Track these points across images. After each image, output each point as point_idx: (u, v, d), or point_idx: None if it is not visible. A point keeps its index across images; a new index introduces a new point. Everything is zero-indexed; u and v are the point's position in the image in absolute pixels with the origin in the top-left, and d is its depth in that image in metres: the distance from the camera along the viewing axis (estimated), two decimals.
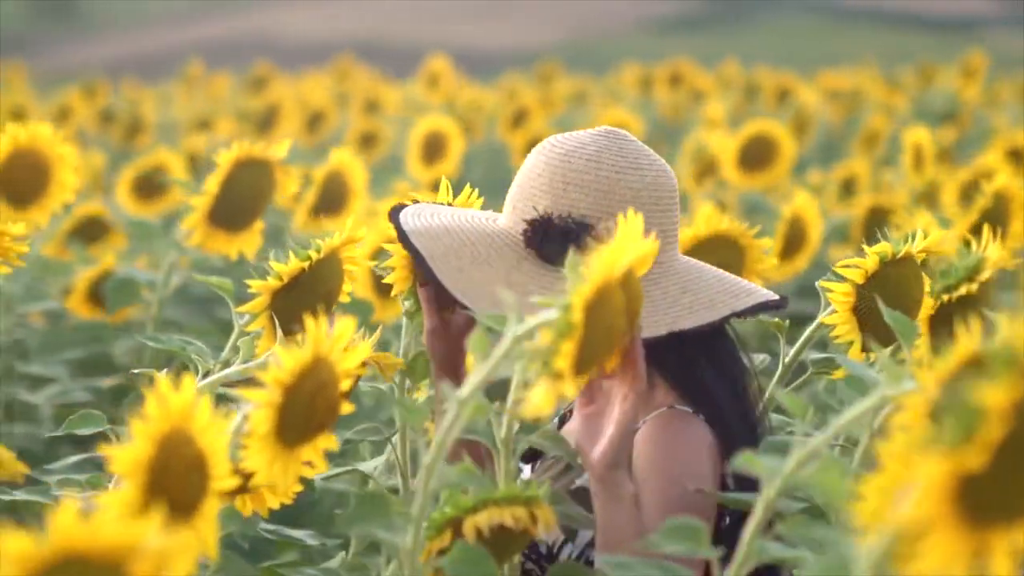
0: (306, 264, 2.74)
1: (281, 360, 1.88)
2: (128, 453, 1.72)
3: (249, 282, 2.73)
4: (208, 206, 3.46)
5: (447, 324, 2.56)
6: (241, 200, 3.59)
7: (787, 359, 2.75)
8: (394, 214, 2.55)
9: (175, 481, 1.74)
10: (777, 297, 2.46)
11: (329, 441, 1.95)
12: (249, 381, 2.36)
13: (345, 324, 1.91)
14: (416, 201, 2.63)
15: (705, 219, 3.25)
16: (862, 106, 9.68)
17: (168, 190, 5.42)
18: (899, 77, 11.15)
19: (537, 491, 2.06)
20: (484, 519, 2.02)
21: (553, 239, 2.41)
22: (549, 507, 2.07)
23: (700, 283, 2.47)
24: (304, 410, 1.91)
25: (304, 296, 2.72)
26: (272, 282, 2.71)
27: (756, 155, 5.71)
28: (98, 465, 2.68)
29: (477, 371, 1.94)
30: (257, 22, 43.88)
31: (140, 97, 10.07)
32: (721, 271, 2.53)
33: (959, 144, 8.05)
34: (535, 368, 1.88)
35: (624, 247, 1.92)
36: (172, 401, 1.75)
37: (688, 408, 2.41)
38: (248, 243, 3.65)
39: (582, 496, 2.38)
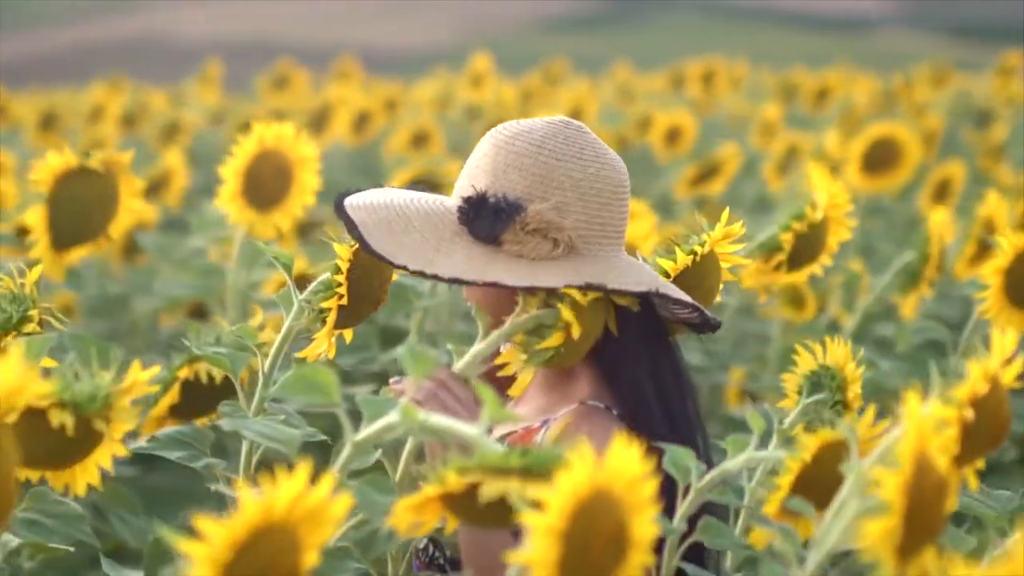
0: (691, 259, 2.66)
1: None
2: (894, 478, 1.62)
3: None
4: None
5: None
6: None
7: None
8: (343, 195, 2.56)
9: (928, 506, 1.64)
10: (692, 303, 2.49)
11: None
12: None
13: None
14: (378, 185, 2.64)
15: None
16: (892, 107, 9.72)
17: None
18: (912, 78, 11.23)
19: None
20: None
21: (484, 216, 2.44)
22: None
23: (638, 270, 2.49)
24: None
25: (689, 292, 2.64)
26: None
27: (880, 158, 5.66)
28: None
29: None
30: (147, 22, 43.25)
31: (148, 98, 9.82)
32: (650, 271, 2.55)
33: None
34: None
35: None
36: (921, 421, 1.65)
37: (600, 404, 2.47)
38: None
39: None
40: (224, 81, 10.90)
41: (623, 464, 1.73)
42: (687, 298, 2.49)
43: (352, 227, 2.46)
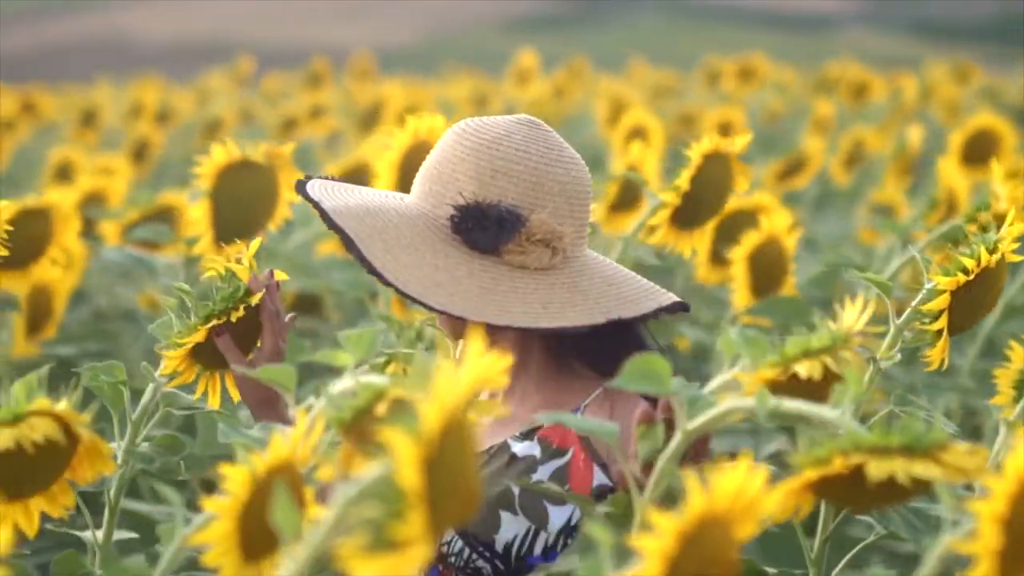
0: (995, 258, 2.57)
1: None
2: None
3: (933, 277, 2.55)
4: (677, 202, 3.34)
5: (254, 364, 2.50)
6: (706, 195, 3.43)
7: None
8: (300, 187, 2.48)
9: None
10: (681, 300, 2.47)
11: None
12: None
13: None
14: (310, 177, 2.53)
15: None
16: (928, 104, 9.71)
17: None
18: (932, 75, 11.22)
19: None
20: None
21: (486, 227, 2.39)
22: None
23: (618, 278, 2.46)
24: None
25: (979, 295, 2.55)
26: (959, 277, 2.53)
27: (979, 149, 5.62)
28: None
29: None
30: (107, 21, 43.03)
31: (171, 96, 9.72)
32: (620, 267, 2.53)
33: None
34: None
35: None
36: None
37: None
38: (700, 239, 3.51)
39: (539, 492, 2.38)
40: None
41: None
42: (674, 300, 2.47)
43: (347, 240, 2.36)
